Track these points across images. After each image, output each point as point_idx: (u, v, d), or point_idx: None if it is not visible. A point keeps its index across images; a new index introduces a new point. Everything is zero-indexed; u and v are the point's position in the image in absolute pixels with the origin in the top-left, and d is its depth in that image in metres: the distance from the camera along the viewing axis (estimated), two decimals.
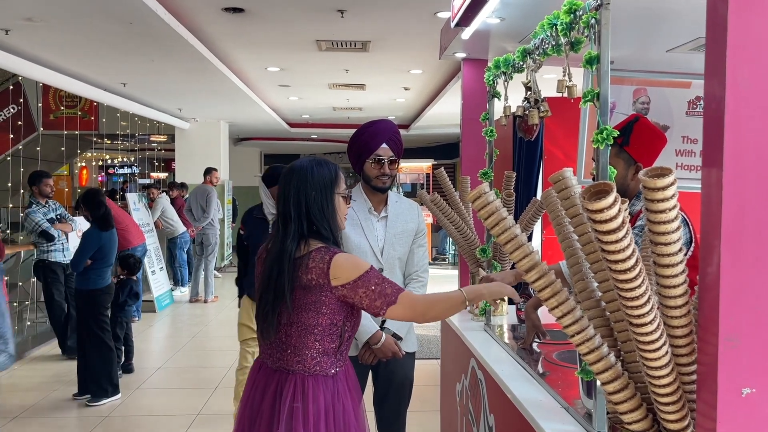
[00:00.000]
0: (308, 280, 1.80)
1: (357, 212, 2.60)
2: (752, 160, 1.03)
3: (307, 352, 1.84)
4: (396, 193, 2.74)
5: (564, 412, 1.83)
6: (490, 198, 1.18)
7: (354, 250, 2.54)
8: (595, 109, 1.65)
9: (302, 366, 1.84)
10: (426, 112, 10.58)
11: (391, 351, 2.51)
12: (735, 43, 1.02)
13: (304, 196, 1.86)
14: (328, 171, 1.92)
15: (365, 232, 2.58)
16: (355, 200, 2.60)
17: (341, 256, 1.83)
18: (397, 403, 2.73)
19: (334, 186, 1.91)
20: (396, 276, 2.66)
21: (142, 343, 6.59)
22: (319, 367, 1.85)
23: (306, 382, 1.83)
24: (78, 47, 5.96)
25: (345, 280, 1.80)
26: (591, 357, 1.16)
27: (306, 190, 1.86)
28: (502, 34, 2.92)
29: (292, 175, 1.90)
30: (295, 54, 6.65)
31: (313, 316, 1.82)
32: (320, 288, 1.80)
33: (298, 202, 1.86)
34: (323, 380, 1.85)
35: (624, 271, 1.00)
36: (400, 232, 2.65)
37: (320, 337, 1.83)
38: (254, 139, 15.73)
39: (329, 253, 1.82)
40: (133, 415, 4.48)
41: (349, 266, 1.81)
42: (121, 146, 13.66)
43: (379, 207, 2.65)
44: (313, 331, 1.83)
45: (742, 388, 1.04)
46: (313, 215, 1.86)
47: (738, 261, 1.04)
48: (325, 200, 1.88)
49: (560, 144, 4.40)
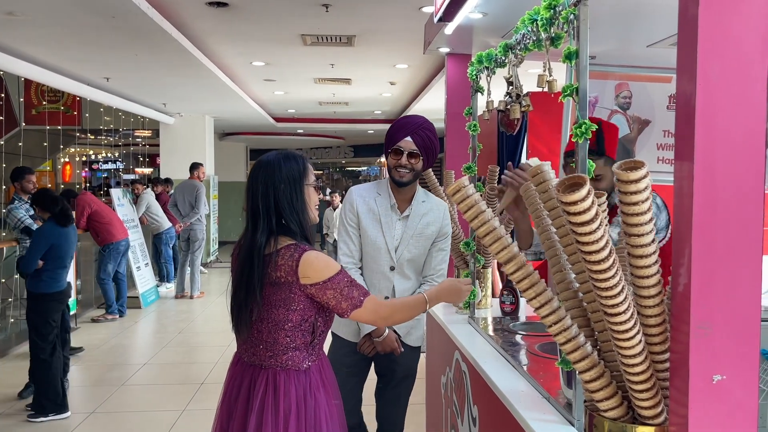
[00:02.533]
0: (277, 278, 1.81)
1: (379, 207, 2.59)
2: (722, 153, 1.06)
3: (279, 347, 1.85)
4: (425, 192, 2.70)
5: (545, 402, 1.86)
6: (469, 192, 1.20)
7: (370, 245, 2.56)
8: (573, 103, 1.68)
9: (274, 361, 1.86)
10: (412, 107, 10.59)
11: (390, 346, 2.55)
12: (705, 41, 1.04)
13: (273, 189, 1.86)
14: (296, 164, 1.91)
15: (383, 229, 2.57)
16: (379, 194, 2.61)
17: (311, 255, 1.82)
18: (398, 396, 2.77)
19: (303, 178, 1.90)
20: (406, 276, 2.64)
21: (127, 339, 6.57)
22: (291, 361, 1.86)
23: (278, 376, 1.85)
24: (60, 41, 5.91)
25: (314, 280, 1.81)
26: (568, 346, 1.18)
27: (275, 184, 1.86)
28: (485, 29, 2.94)
29: (259, 170, 1.89)
30: (280, 48, 6.63)
31: (283, 313, 1.83)
32: (289, 285, 1.81)
33: (267, 195, 1.86)
34: (295, 375, 1.86)
35: (598, 262, 1.03)
36: (418, 234, 2.62)
37: (291, 332, 1.84)
38: (240, 134, 15.66)
39: (298, 251, 1.82)
40: (119, 411, 4.47)
41: (319, 266, 1.82)
42: (104, 142, 13.53)
43: (404, 205, 2.62)
44: (283, 327, 1.84)
45: (713, 375, 1.07)
46: (282, 209, 1.85)
47: (709, 251, 1.07)
48: (294, 193, 1.87)
49: (544, 138, 4.44)
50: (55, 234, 4.38)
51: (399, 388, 2.77)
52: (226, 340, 6.25)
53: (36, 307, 4.32)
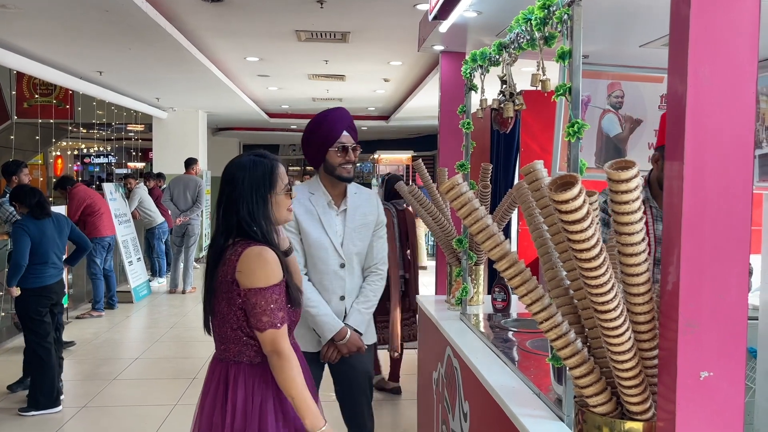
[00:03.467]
0: (224, 273, 1.82)
1: (316, 206, 2.55)
2: (712, 153, 1.08)
3: (229, 341, 1.88)
4: (355, 185, 2.67)
5: (536, 398, 1.88)
6: (463, 189, 1.21)
7: (315, 247, 2.52)
8: (566, 103, 1.70)
9: (228, 354, 1.89)
10: (406, 104, 10.61)
11: (356, 345, 2.52)
12: (697, 42, 1.06)
13: (237, 196, 1.86)
14: (263, 170, 1.88)
15: (325, 227, 2.53)
16: (313, 194, 2.57)
17: (253, 250, 1.80)
18: (361, 395, 2.70)
19: (270, 186, 1.88)
20: (355, 271, 2.62)
21: (118, 334, 6.56)
22: (242, 355, 1.87)
23: (230, 369, 1.88)
24: (53, 35, 5.88)
25: (244, 281, 1.79)
26: (559, 343, 1.20)
27: (240, 192, 1.86)
28: (480, 28, 2.95)
29: (227, 176, 1.91)
30: (275, 44, 6.62)
31: (226, 307, 1.84)
32: (229, 281, 1.81)
33: (231, 201, 1.87)
34: (247, 368, 1.87)
35: (589, 260, 1.04)
36: (359, 226, 2.61)
37: (236, 326, 1.85)
38: (233, 129, 15.64)
39: (243, 246, 1.82)
40: (111, 405, 4.47)
41: (256, 266, 1.79)
42: (97, 135, 13.49)
43: (339, 200, 2.59)
44: (229, 321, 1.85)
45: (701, 372, 1.09)
46: (242, 218, 1.85)
47: (698, 250, 1.08)
48: (255, 203, 1.86)
49: (537, 137, 4.46)
50: (31, 228, 4.28)
51: (362, 388, 2.70)
52: None
53: (18, 302, 4.26)
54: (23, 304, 4.25)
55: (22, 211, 4.45)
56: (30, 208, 4.34)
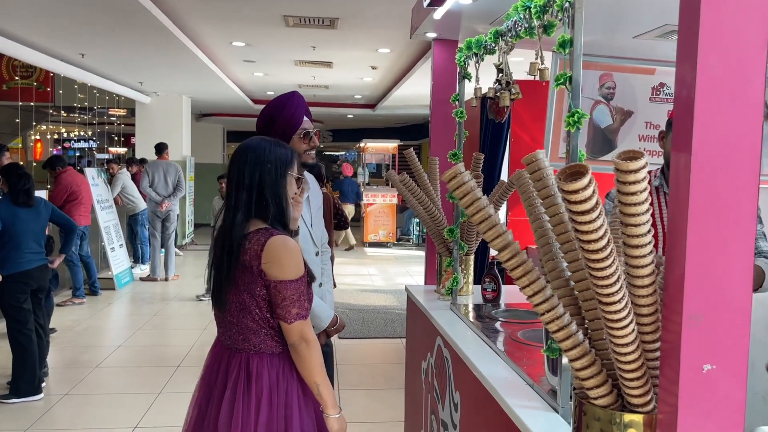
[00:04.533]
0: (244, 260, 1.79)
1: None
2: (720, 144, 1.06)
3: (249, 331, 1.85)
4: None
5: (529, 389, 1.87)
6: (465, 178, 1.19)
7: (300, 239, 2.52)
8: (566, 92, 1.68)
9: (247, 344, 1.86)
10: (393, 92, 10.55)
11: (342, 326, 2.57)
12: (707, 28, 1.04)
13: (260, 169, 1.84)
14: (284, 151, 1.91)
15: (303, 217, 2.48)
16: None
17: (277, 240, 1.79)
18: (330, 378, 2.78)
19: (289, 165, 1.89)
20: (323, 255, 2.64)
21: (100, 321, 6.48)
22: (264, 345, 1.86)
23: (251, 360, 1.85)
24: (34, 15, 5.74)
25: (270, 271, 1.78)
26: (560, 334, 1.19)
27: (263, 165, 1.84)
28: (474, 15, 2.92)
29: (248, 151, 1.87)
30: (262, 29, 6.53)
31: (248, 297, 1.82)
32: (252, 270, 1.79)
33: (253, 175, 1.84)
34: (268, 358, 1.86)
35: (596, 251, 1.03)
36: (317, 210, 2.64)
37: (259, 317, 1.83)
38: (217, 115, 15.46)
39: (266, 235, 1.80)
40: (94, 393, 4.41)
41: (282, 258, 1.78)
42: (78, 119, 13.26)
43: None
44: (250, 311, 1.83)
45: (704, 365, 1.08)
46: (267, 189, 1.83)
47: (703, 243, 1.07)
48: (279, 175, 1.85)
49: (527, 127, 4.45)
50: (3, 211, 4.15)
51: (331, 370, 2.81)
52: (203, 323, 6.20)
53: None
54: (2, 291, 4.15)
55: (2, 188, 4.31)
56: (14, 192, 4.21)
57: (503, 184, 2.87)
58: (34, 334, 4.24)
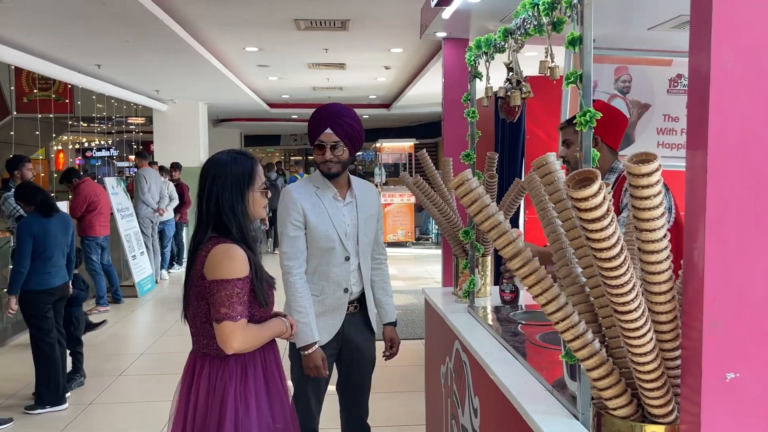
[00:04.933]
0: (197, 269, 1.91)
1: (322, 199, 2.53)
2: (737, 141, 1.02)
3: (199, 333, 1.97)
4: (354, 177, 2.69)
5: (548, 395, 1.83)
6: (473, 185, 1.16)
7: (322, 240, 2.50)
8: (578, 90, 1.63)
9: (197, 346, 2.00)
10: (407, 92, 10.51)
11: (314, 364, 2.44)
12: (720, 17, 0.99)
13: (217, 194, 1.94)
14: (242, 168, 1.98)
15: (333, 220, 2.52)
16: (318, 187, 2.55)
17: (221, 248, 1.88)
18: (364, 383, 2.73)
19: (249, 184, 1.97)
20: (367, 262, 2.66)
21: (124, 329, 6.54)
22: (210, 348, 1.95)
23: (197, 360, 1.98)
24: (49, 28, 5.80)
25: (208, 273, 1.87)
26: (575, 344, 1.15)
27: (221, 190, 1.94)
28: (483, 13, 2.88)
29: (209, 171, 1.98)
30: (274, 33, 6.54)
31: (196, 300, 1.93)
32: (201, 276, 1.90)
33: (210, 199, 1.95)
34: (210, 360, 1.96)
35: (609, 259, 0.99)
36: (369, 216, 2.64)
37: (204, 319, 1.93)
38: (234, 120, 15.56)
39: (214, 242, 1.91)
40: (116, 402, 4.45)
41: (221, 261, 1.87)
42: (98, 129, 13.43)
43: (343, 192, 2.59)
44: (200, 314, 1.94)
45: (727, 373, 1.04)
46: (223, 212, 1.93)
47: (722, 245, 1.03)
48: (235, 200, 1.95)
49: (542, 124, 4.39)
50: (35, 226, 4.20)
51: (367, 374, 2.74)
52: None
53: (21, 301, 4.18)
54: (26, 303, 4.20)
55: (28, 210, 4.38)
56: (36, 207, 4.27)
57: (518, 183, 2.82)
58: (57, 343, 4.28)
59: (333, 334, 2.57)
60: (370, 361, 2.73)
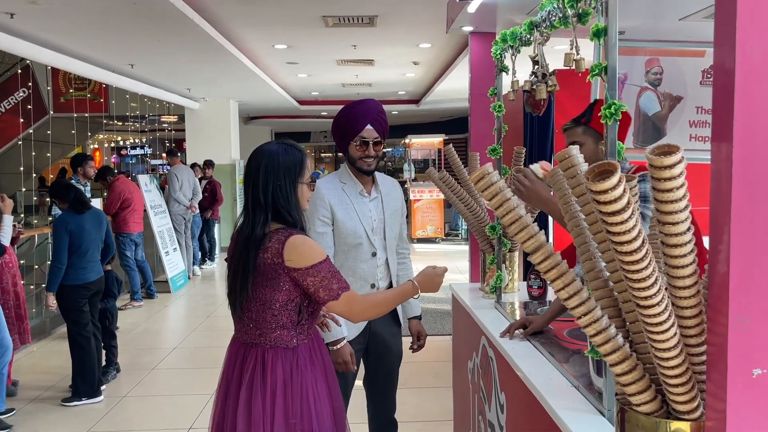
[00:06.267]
0: (265, 259, 1.88)
1: (348, 195, 2.54)
2: (763, 133, 0.99)
3: (267, 326, 1.94)
4: (377, 173, 2.69)
5: (574, 391, 1.82)
6: (494, 179, 1.15)
7: (349, 236, 2.51)
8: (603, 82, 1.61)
9: (263, 339, 1.95)
10: (436, 87, 10.47)
11: (342, 359, 2.43)
12: (745, 10, 0.97)
13: (272, 185, 1.94)
14: (293, 159, 1.98)
15: (359, 216, 2.53)
16: (344, 183, 2.57)
17: (297, 238, 1.89)
18: (390, 377, 2.75)
19: (299, 176, 1.98)
20: (393, 256, 2.68)
21: (157, 323, 6.67)
22: (279, 340, 1.94)
23: (266, 354, 1.94)
24: (83, 29, 5.94)
25: (297, 264, 1.87)
26: (598, 339, 1.14)
27: (274, 181, 1.94)
28: (510, 7, 2.86)
29: (260, 161, 1.97)
30: (302, 31, 6.58)
31: (270, 293, 1.91)
32: (275, 267, 1.88)
33: (266, 189, 1.93)
34: (283, 352, 1.94)
35: (629, 253, 0.97)
36: (394, 211, 2.66)
37: (278, 312, 1.92)
38: (264, 118, 15.69)
39: (285, 234, 1.90)
40: (150, 395, 4.54)
41: (303, 251, 1.89)
42: (132, 128, 13.67)
43: (369, 187, 2.60)
44: (271, 306, 1.92)
45: (753, 369, 1.02)
46: (280, 204, 1.93)
47: (748, 240, 1.00)
48: (290, 190, 1.95)
49: (571, 117, 4.32)
50: (70, 222, 4.30)
51: (394, 370, 2.77)
52: None
53: (58, 296, 4.29)
54: (63, 298, 4.31)
55: (62, 207, 4.50)
56: (69, 204, 4.39)
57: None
58: (92, 336, 4.39)
59: (360, 329, 2.59)
60: (397, 355, 2.75)
